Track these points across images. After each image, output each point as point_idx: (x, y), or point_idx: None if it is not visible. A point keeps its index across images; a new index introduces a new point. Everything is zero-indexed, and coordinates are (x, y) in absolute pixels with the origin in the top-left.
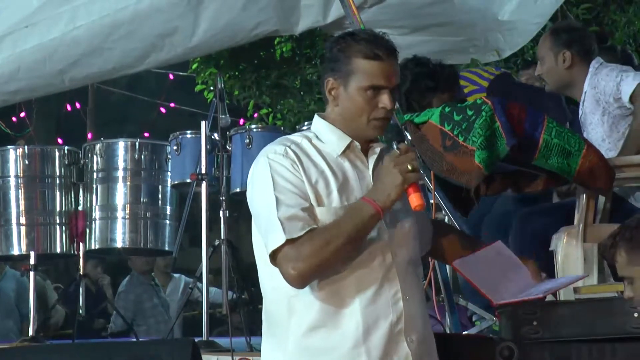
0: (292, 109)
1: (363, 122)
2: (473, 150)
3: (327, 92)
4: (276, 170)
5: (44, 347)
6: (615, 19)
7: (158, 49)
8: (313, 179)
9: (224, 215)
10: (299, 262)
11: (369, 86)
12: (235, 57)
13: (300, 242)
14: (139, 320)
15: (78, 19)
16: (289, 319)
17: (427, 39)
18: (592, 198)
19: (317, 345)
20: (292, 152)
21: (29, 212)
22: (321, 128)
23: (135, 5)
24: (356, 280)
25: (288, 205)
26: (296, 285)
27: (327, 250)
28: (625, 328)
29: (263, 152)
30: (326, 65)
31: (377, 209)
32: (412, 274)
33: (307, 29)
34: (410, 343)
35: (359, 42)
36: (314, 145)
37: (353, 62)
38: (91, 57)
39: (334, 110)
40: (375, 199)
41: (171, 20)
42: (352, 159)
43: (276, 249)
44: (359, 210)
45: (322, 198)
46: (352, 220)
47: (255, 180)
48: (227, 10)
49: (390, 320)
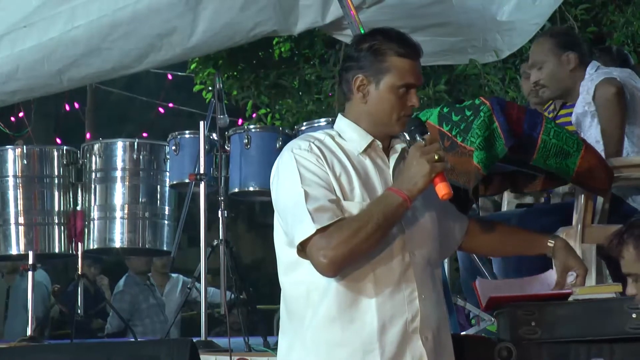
0: (291, 109)
1: (393, 119)
2: (471, 151)
3: (355, 89)
4: (302, 164)
5: (43, 347)
6: (613, 20)
7: (157, 49)
8: (337, 173)
9: (222, 215)
10: (330, 249)
11: (402, 84)
12: (234, 57)
13: (330, 231)
14: (135, 321)
15: (77, 19)
16: (306, 312)
17: (426, 39)
18: (591, 199)
19: (334, 339)
20: (317, 147)
21: (28, 212)
22: (343, 126)
23: (134, 5)
24: (374, 278)
25: (316, 198)
26: (328, 273)
27: (358, 237)
28: (624, 329)
29: (287, 148)
30: (352, 63)
31: (405, 197)
32: (430, 275)
33: (306, 29)
34: (425, 342)
35: (391, 40)
36: (337, 142)
37: (387, 60)
38: (90, 57)
39: (359, 107)
40: (402, 188)
41: (170, 21)
42: (373, 157)
43: (306, 239)
44: (386, 199)
45: (347, 193)
46: (381, 209)
47: (282, 175)
48: (225, 10)
49: (406, 318)
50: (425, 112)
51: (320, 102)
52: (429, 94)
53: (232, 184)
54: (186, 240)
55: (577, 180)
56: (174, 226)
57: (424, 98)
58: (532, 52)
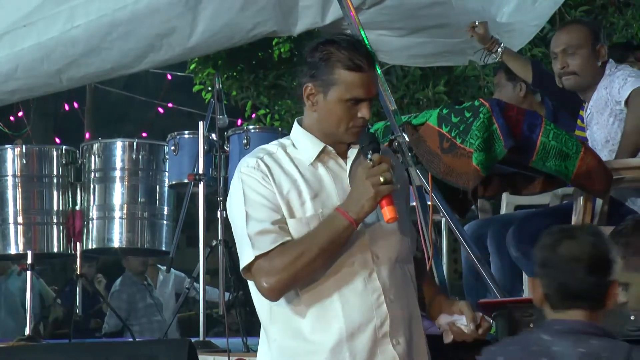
0: (290, 109)
1: (341, 131)
2: (471, 152)
3: (305, 97)
4: (247, 183)
5: (40, 347)
6: (613, 22)
7: (156, 49)
8: (285, 189)
9: (221, 215)
10: (271, 275)
11: (350, 98)
12: (234, 57)
13: (272, 255)
14: (132, 320)
15: (76, 18)
16: (271, 326)
17: (425, 40)
18: (590, 201)
19: (300, 351)
20: (264, 164)
21: (27, 211)
22: (297, 135)
23: (134, 5)
24: (336, 285)
25: (258, 220)
26: (269, 298)
27: (299, 262)
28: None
29: (238, 166)
30: (305, 70)
31: (351, 221)
32: (398, 273)
33: (306, 29)
34: (397, 345)
35: (341, 52)
36: (288, 153)
37: (335, 73)
38: (89, 57)
39: (311, 115)
40: (348, 210)
41: (169, 21)
42: (327, 164)
43: (248, 264)
44: (332, 222)
45: (295, 208)
46: (325, 233)
47: (230, 195)
48: (225, 10)
49: (374, 324)
50: (425, 114)
51: None
52: (428, 95)
53: None
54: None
55: (576, 182)
56: (172, 226)
57: (424, 99)
58: (564, 35)
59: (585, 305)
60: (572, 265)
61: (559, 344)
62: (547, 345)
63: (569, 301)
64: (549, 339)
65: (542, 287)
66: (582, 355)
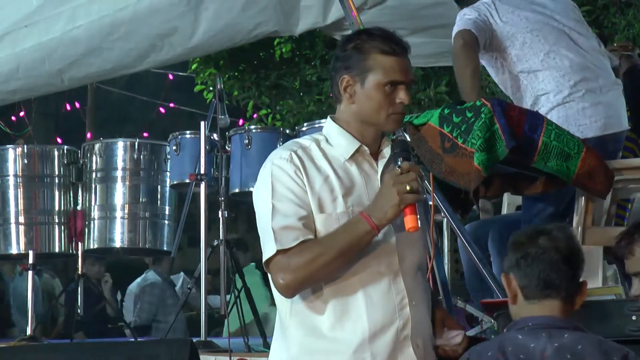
0: (291, 109)
1: (382, 118)
2: (472, 152)
3: (342, 90)
4: (277, 177)
5: (42, 347)
6: (615, 22)
7: (157, 49)
8: (317, 185)
9: (222, 215)
10: (288, 273)
11: (387, 82)
12: (235, 57)
13: (292, 253)
14: (160, 317)
15: (77, 18)
16: (290, 321)
17: (427, 40)
18: (591, 201)
19: (321, 348)
20: (298, 157)
21: (28, 211)
22: (332, 131)
23: (135, 6)
24: (362, 285)
25: (284, 215)
26: (285, 295)
27: (316, 263)
28: (624, 331)
29: (270, 157)
30: (339, 64)
31: (373, 226)
32: (420, 278)
33: (307, 29)
34: (417, 348)
35: (374, 39)
36: (322, 149)
37: (370, 58)
38: (90, 57)
39: (349, 108)
40: (371, 215)
41: (171, 21)
42: (360, 164)
43: (269, 258)
44: (354, 226)
45: (326, 204)
46: (346, 236)
47: (258, 186)
48: (226, 10)
49: (397, 326)
50: (427, 114)
51: (321, 103)
52: (429, 95)
53: (232, 184)
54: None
55: (577, 182)
56: (174, 226)
57: (425, 99)
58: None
59: (560, 295)
60: (551, 255)
61: (534, 341)
62: (523, 343)
63: (547, 290)
64: (524, 337)
65: (519, 280)
66: (558, 350)
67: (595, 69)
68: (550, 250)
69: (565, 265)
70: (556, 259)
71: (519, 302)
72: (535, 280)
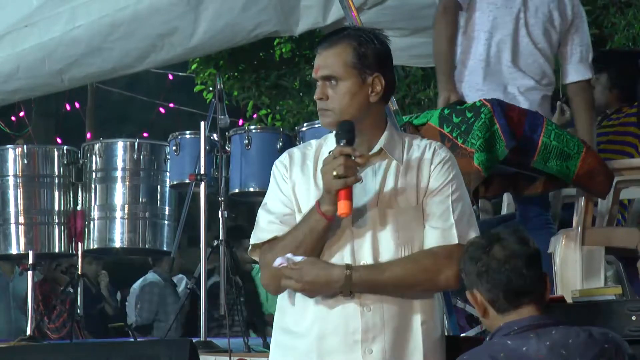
0: (291, 109)
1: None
2: (472, 153)
3: None
4: (274, 174)
5: (42, 347)
6: (614, 22)
7: (157, 49)
8: (298, 185)
9: (222, 215)
10: (264, 269)
11: (315, 80)
12: (235, 57)
13: (264, 249)
14: (161, 316)
15: (78, 18)
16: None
17: (427, 40)
18: (591, 201)
19: (285, 344)
20: (289, 158)
21: (28, 211)
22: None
23: (135, 5)
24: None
25: (269, 211)
26: (270, 292)
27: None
28: (624, 331)
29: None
30: None
31: (320, 213)
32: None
33: (307, 29)
34: (368, 354)
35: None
36: (319, 149)
37: None
38: (90, 57)
39: None
40: (321, 203)
41: (171, 21)
42: None
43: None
44: (308, 215)
45: (302, 203)
46: (303, 225)
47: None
48: (226, 10)
49: (346, 330)
50: (426, 114)
51: None
52: (429, 95)
53: (232, 184)
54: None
55: (577, 182)
56: (174, 226)
57: (425, 99)
58: None
59: (533, 298)
60: (511, 263)
61: (525, 344)
62: (514, 348)
63: (518, 299)
64: (514, 341)
65: (485, 295)
66: (551, 348)
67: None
68: (509, 259)
69: (529, 270)
70: (518, 266)
71: (491, 315)
72: (503, 294)
